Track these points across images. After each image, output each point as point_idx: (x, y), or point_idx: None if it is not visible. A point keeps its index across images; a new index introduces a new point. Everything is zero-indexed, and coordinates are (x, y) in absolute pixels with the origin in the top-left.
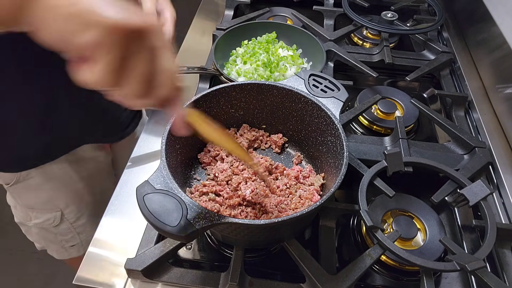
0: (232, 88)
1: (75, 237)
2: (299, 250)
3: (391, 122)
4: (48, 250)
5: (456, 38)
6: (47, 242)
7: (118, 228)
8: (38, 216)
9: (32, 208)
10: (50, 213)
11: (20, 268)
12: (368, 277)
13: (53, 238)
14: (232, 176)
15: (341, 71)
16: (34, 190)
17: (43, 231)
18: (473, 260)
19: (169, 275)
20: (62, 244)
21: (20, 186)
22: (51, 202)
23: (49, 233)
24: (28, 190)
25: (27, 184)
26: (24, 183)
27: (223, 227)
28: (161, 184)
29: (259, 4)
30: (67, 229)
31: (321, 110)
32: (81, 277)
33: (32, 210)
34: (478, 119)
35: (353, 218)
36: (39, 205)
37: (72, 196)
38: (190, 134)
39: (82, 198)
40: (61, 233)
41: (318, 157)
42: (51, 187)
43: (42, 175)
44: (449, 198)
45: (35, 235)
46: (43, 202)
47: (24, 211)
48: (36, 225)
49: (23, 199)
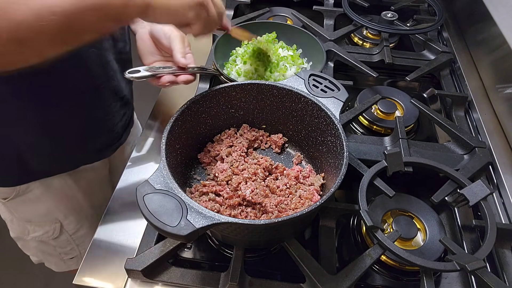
0: (232, 88)
1: (74, 249)
2: (299, 250)
3: (391, 122)
4: (46, 263)
5: (456, 38)
6: (45, 255)
7: (118, 228)
8: (37, 229)
9: (30, 221)
10: (49, 225)
11: (20, 268)
12: (368, 277)
13: (52, 251)
14: (232, 176)
15: (341, 71)
16: (33, 202)
17: (42, 244)
18: (473, 260)
19: (169, 275)
20: (61, 257)
21: (19, 200)
22: (50, 214)
23: (47, 246)
24: (27, 203)
25: (26, 197)
26: (23, 197)
27: (223, 227)
28: (161, 184)
29: (259, 4)
30: (66, 241)
31: (321, 110)
32: (81, 277)
33: (30, 223)
34: (478, 119)
35: (353, 218)
36: (37, 218)
37: (71, 207)
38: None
39: (82, 209)
40: (60, 245)
41: (318, 157)
42: (51, 198)
43: (42, 187)
44: (449, 198)
45: (33, 248)
46: (42, 214)
47: (21, 225)
48: (35, 238)
49: (20, 213)
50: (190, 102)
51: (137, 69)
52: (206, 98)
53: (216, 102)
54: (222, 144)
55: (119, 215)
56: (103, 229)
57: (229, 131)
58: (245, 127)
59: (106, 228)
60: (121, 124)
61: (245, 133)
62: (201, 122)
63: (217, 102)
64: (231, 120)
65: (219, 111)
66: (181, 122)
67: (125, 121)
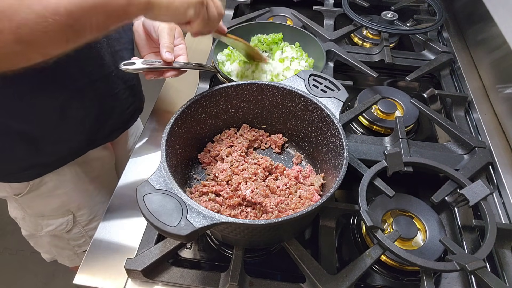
0: (232, 88)
1: (87, 241)
2: (299, 250)
3: (391, 122)
4: (59, 259)
5: (456, 38)
6: (58, 250)
7: (118, 228)
8: (50, 223)
9: (43, 215)
10: (63, 218)
11: (20, 268)
12: (368, 277)
13: (65, 244)
14: (232, 176)
15: (341, 71)
16: (46, 196)
17: (55, 239)
18: (473, 260)
19: (169, 275)
20: (75, 250)
21: (32, 195)
22: (63, 206)
23: (61, 240)
24: (40, 198)
25: (40, 191)
26: (36, 191)
27: (223, 227)
28: (161, 184)
29: (259, 4)
30: (79, 233)
31: (321, 110)
32: (81, 277)
33: (43, 218)
34: (478, 119)
35: (353, 218)
36: (51, 212)
37: (83, 198)
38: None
39: (93, 200)
40: (73, 238)
41: (318, 157)
42: (63, 191)
43: (54, 179)
44: (449, 198)
45: (46, 244)
46: (55, 207)
47: (33, 221)
48: (48, 233)
49: (33, 208)
50: (190, 102)
51: (132, 61)
52: (206, 98)
53: (216, 102)
54: (222, 144)
55: (119, 215)
56: (103, 229)
57: (229, 131)
58: (245, 127)
59: (106, 228)
60: (129, 111)
61: (245, 133)
62: (201, 122)
63: (217, 102)
64: (231, 120)
65: (219, 111)
66: (181, 122)
67: (133, 109)
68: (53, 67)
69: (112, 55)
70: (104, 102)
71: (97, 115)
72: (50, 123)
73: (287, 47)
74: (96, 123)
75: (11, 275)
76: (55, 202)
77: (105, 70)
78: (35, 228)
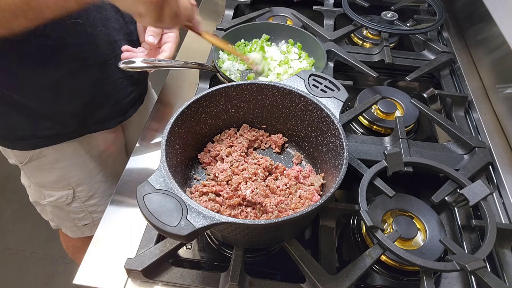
0: (232, 88)
1: (87, 216)
2: (299, 250)
3: (391, 122)
4: (62, 228)
5: (456, 38)
6: (60, 220)
7: (118, 228)
8: (51, 194)
9: (45, 186)
10: (63, 191)
11: (20, 268)
12: (368, 277)
13: (66, 216)
14: (232, 176)
15: (341, 71)
16: (47, 169)
17: (57, 209)
18: (473, 260)
19: (169, 275)
20: (75, 223)
21: (34, 165)
22: (62, 180)
23: (62, 212)
24: (41, 169)
25: (40, 162)
26: (37, 162)
27: (223, 227)
28: (161, 184)
29: (259, 4)
30: (79, 207)
31: (321, 110)
32: (81, 277)
33: (45, 188)
34: (478, 119)
35: (353, 218)
36: (51, 184)
37: (83, 175)
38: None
39: (94, 178)
40: (73, 211)
41: (318, 157)
42: (63, 166)
43: (54, 154)
44: (449, 198)
45: (49, 213)
46: (55, 180)
47: (37, 189)
48: (50, 203)
49: (36, 178)
50: (190, 102)
51: (132, 59)
52: (206, 98)
53: (216, 102)
54: (222, 144)
55: (119, 215)
56: (103, 229)
57: (229, 131)
58: (245, 127)
59: (106, 228)
60: (127, 100)
61: (245, 133)
62: (201, 122)
63: (217, 102)
64: (231, 120)
65: (219, 111)
66: (181, 122)
67: (132, 98)
68: (52, 47)
69: (110, 44)
70: (98, 88)
71: (90, 99)
72: (45, 100)
73: (271, 47)
74: (89, 107)
75: (11, 275)
76: (54, 175)
77: (100, 57)
78: (39, 196)
